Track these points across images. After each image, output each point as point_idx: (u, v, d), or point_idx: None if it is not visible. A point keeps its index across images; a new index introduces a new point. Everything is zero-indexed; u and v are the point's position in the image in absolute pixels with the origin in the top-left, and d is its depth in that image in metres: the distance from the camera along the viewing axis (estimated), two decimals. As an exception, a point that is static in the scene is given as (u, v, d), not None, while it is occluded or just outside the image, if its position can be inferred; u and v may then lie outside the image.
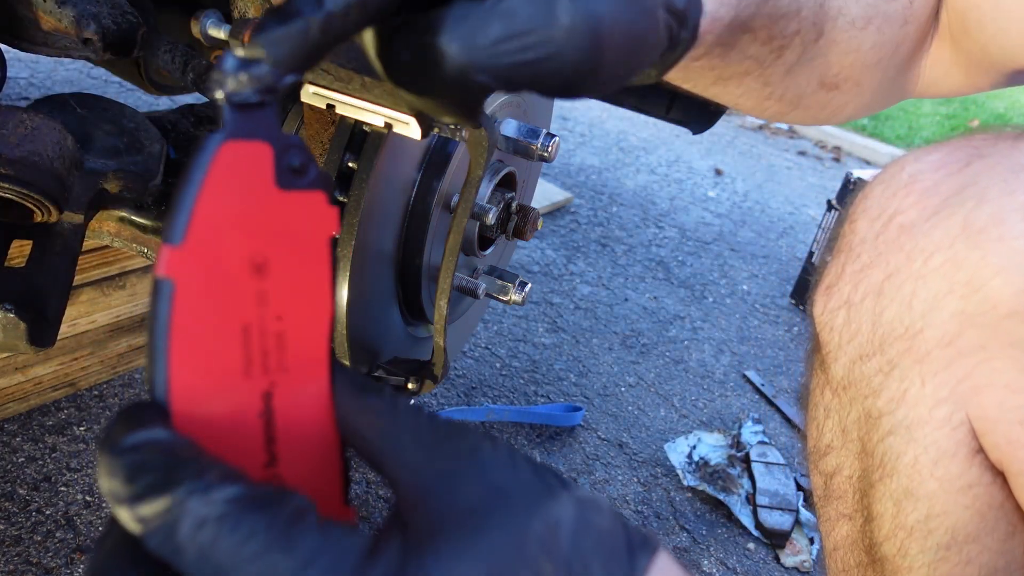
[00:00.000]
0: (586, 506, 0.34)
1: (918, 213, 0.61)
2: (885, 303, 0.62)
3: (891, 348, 0.62)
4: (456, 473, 0.34)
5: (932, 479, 0.63)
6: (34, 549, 1.09)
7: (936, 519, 0.64)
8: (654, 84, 1.60)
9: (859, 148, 4.19)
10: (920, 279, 0.59)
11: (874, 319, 0.64)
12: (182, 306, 0.31)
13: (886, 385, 0.64)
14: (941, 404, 0.61)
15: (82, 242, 0.85)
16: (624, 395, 1.74)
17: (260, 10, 0.83)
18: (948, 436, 0.61)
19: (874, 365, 0.64)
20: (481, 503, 0.33)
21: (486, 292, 0.84)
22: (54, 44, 0.91)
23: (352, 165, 0.67)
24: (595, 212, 2.63)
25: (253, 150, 0.32)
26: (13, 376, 1.24)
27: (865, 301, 0.64)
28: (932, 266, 0.59)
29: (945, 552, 0.64)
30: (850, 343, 0.67)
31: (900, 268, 0.61)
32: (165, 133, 1.00)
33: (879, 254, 0.63)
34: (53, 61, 2.64)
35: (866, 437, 0.68)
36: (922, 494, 0.64)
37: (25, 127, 0.75)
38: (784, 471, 1.53)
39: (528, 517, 0.32)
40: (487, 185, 0.80)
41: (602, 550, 0.33)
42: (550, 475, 0.35)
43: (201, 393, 0.33)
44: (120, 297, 1.33)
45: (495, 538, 0.32)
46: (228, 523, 0.28)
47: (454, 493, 0.33)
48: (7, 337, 0.74)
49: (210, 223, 0.31)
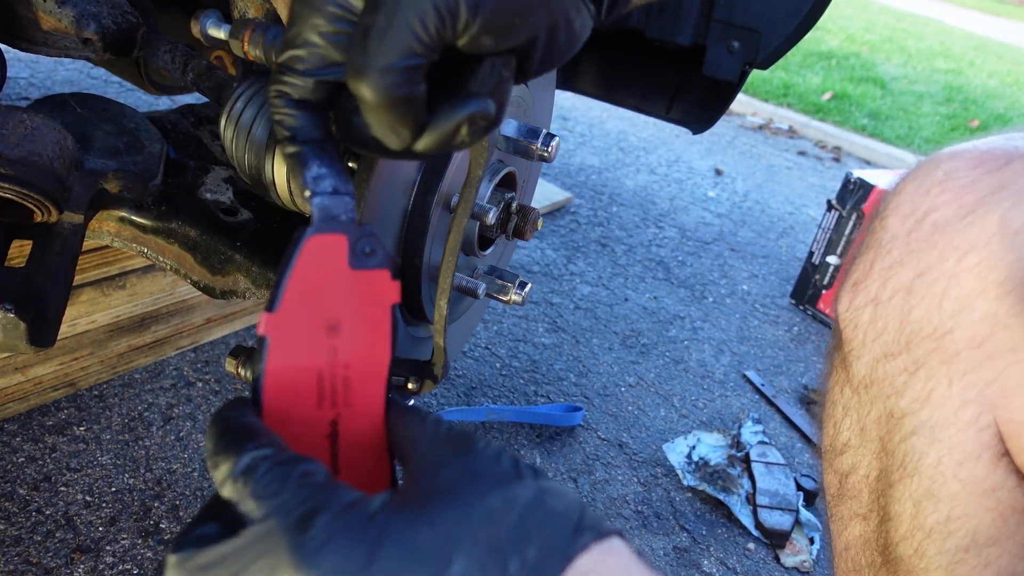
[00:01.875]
0: (547, 491, 0.40)
1: (953, 211, 0.60)
2: (914, 301, 0.62)
3: (918, 347, 0.62)
4: (447, 460, 0.42)
5: (955, 481, 0.62)
6: (34, 549, 1.10)
7: (957, 521, 0.63)
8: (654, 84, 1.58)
9: (859, 148, 4.19)
10: (952, 278, 0.59)
11: (902, 317, 0.63)
12: (274, 355, 0.43)
13: (911, 385, 0.63)
14: (968, 406, 0.60)
15: (82, 242, 0.84)
16: (624, 395, 1.74)
17: (260, 10, 0.83)
18: (974, 438, 0.60)
19: (899, 364, 0.64)
20: (454, 483, 0.40)
21: (486, 292, 0.84)
22: (54, 44, 0.91)
23: (352, 165, 0.67)
24: (595, 212, 2.63)
25: (333, 241, 0.44)
26: (13, 376, 1.24)
27: (894, 299, 0.64)
28: (965, 265, 0.58)
29: (964, 554, 0.64)
30: (875, 341, 0.66)
31: (932, 266, 0.60)
32: (165, 133, 1.00)
33: (911, 251, 0.62)
34: (53, 61, 2.64)
35: (887, 437, 0.67)
36: (944, 495, 0.63)
37: (25, 127, 0.75)
38: (784, 471, 1.53)
39: (486, 493, 0.39)
40: (487, 185, 0.80)
41: (547, 525, 0.38)
42: (529, 469, 0.41)
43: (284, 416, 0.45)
44: (120, 297, 1.33)
45: (452, 507, 0.39)
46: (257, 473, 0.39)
47: (440, 474, 0.41)
48: (7, 337, 0.74)
49: (296, 296, 0.43)
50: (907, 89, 5.89)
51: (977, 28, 11.61)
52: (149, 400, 1.39)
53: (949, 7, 14.25)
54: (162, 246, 0.94)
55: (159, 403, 1.39)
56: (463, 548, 0.37)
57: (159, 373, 1.45)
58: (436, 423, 0.45)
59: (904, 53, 7.68)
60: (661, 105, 1.60)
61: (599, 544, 0.38)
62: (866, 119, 4.75)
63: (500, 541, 0.37)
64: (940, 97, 5.84)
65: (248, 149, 0.86)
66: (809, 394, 1.87)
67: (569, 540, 0.38)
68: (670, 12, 1.38)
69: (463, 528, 0.38)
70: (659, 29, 1.40)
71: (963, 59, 8.07)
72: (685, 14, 1.36)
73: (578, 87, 1.68)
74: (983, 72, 7.52)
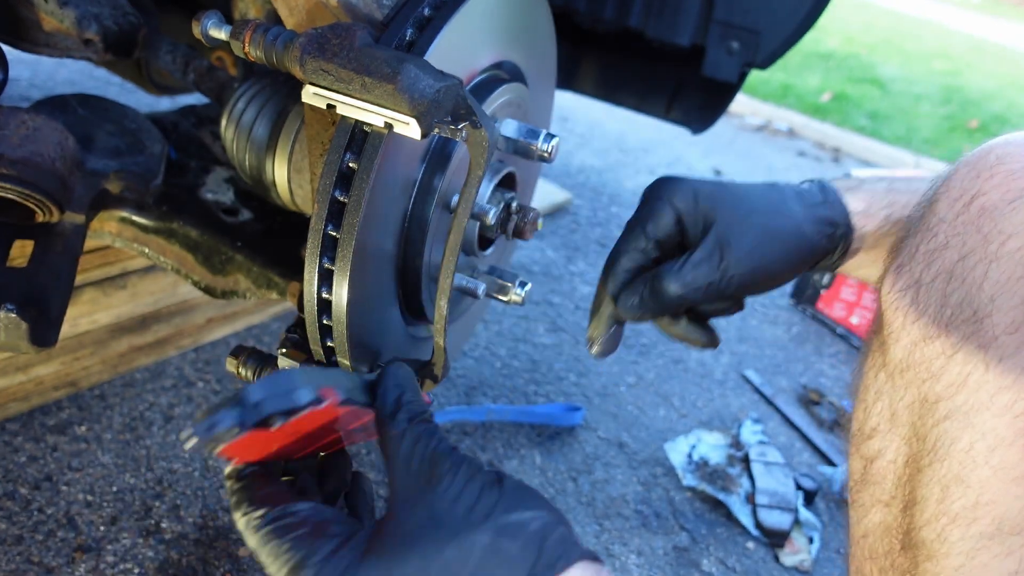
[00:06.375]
0: (503, 533, 0.44)
1: (1001, 195, 0.60)
2: (955, 284, 0.62)
3: (956, 331, 0.61)
4: (415, 501, 0.46)
5: (986, 467, 0.61)
6: (35, 548, 1.10)
7: (984, 507, 0.63)
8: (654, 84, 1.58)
9: (858, 148, 4.20)
10: (994, 261, 0.59)
11: (942, 300, 0.63)
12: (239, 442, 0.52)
13: (947, 369, 0.63)
14: (1004, 391, 0.59)
15: (84, 242, 0.85)
16: (624, 395, 1.74)
17: (261, 11, 0.84)
18: (1008, 424, 0.60)
19: (937, 348, 0.64)
20: (417, 528, 0.45)
21: (486, 292, 0.85)
22: (56, 45, 0.92)
23: (352, 165, 0.67)
24: (595, 212, 2.63)
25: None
26: (15, 376, 1.25)
27: (936, 282, 0.64)
28: (1008, 249, 0.58)
29: (988, 542, 0.63)
30: (915, 324, 0.66)
31: (975, 249, 0.60)
32: (166, 134, 1.01)
33: (956, 234, 0.62)
34: (55, 62, 2.64)
35: (919, 422, 0.67)
36: (973, 481, 0.62)
37: (27, 128, 0.75)
38: (783, 470, 1.53)
39: (443, 547, 0.43)
40: (487, 185, 0.80)
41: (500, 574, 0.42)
42: (484, 505, 0.46)
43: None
44: (121, 297, 1.33)
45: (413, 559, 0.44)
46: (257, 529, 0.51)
47: (407, 517, 0.46)
48: (9, 337, 0.75)
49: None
50: (906, 90, 5.90)
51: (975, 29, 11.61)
52: (150, 400, 1.39)
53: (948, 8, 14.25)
54: (163, 246, 0.94)
55: (160, 403, 1.39)
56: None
57: (160, 373, 1.45)
58: (411, 446, 0.49)
59: (903, 54, 7.69)
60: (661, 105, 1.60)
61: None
62: (865, 120, 4.75)
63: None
64: (939, 98, 5.84)
65: (249, 149, 0.87)
66: (808, 394, 1.88)
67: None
68: (670, 12, 1.38)
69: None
70: (659, 29, 1.40)
71: (961, 60, 8.07)
72: (685, 14, 1.37)
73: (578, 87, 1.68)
74: (981, 73, 7.52)
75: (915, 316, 0.66)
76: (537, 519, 0.46)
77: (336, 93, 0.63)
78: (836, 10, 1.70)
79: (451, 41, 0.70)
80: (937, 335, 0.64)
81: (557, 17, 0.96)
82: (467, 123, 0.64)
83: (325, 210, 0.68)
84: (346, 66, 0.61)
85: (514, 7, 0.81)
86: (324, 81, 0.63)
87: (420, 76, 0.61)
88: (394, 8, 0.70)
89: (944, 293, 0.63)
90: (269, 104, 0.86)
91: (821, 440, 1.71)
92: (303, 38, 0.64)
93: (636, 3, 1.41)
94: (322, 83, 0.63)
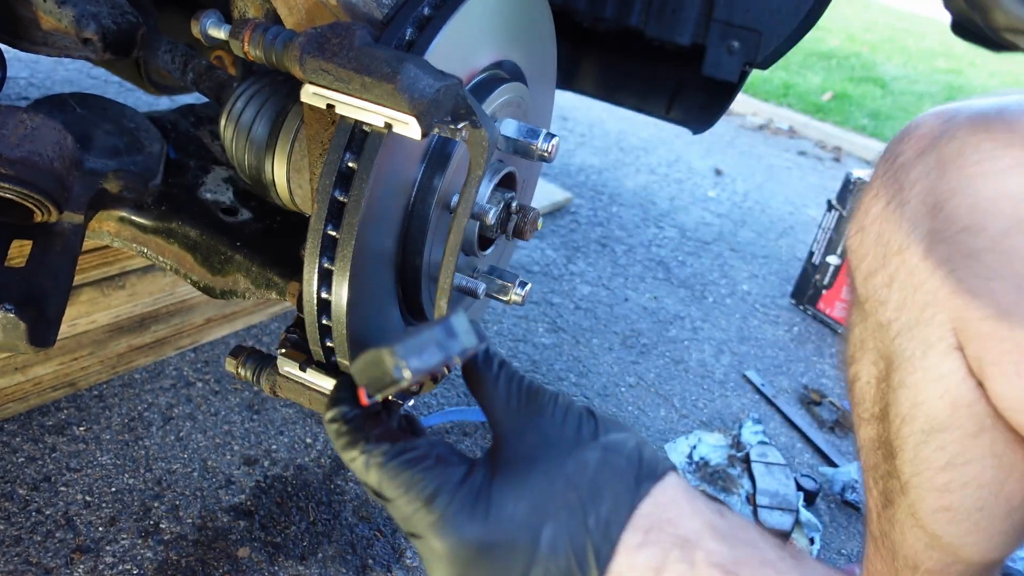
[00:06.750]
0: (609, 450, 0.51)
1: (912, 153, 0.74)
2: (884, 226, 0.76)
3: (890, 263, 0.75)
4: (523, 429, 0.52)
5: (920, 370, 0.74)
6: (34, 549, 1.09)
7: (919, 407, 0.75)
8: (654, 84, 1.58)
9: (859, 148, 4.19)
10: (906, 204, 0.73)
11: (876, 239, 0.76)
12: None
13: (890, 296, 0.76)
14: (928, 307, 0.72)
15: (82, 242, 0.84)
16: (624, 395, 1.74)
17: (260, 10, 0.83)
18: (933, 332, 0.72)
19: (880, 279, 0.77)
20: (534, 451, 0.51)
21: (486, 292, 0.84)
22: (54, 44, 0.91)
23: (352, 165, 0.67)
24: (595, 212, 2.63)
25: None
26: (13, 376, 1.24)
27: (873, 225, 0.77)
28: (914, 192, 0.72)
29: (925, 437, 0.76)
30: (863, 262, 0.79)
31: (894, 196, 0.75)
32: (165, 133, 1.00)
33: (884, 185, 0.77)
34: (53, 61, 2.64)
35: (880, 344, 0.79)
36: (910, 383, 0.75)
37: (25, 127, 0.75)
38: (784, 471, 1.53)
39: (563, 463, 0.50)
40: (487, 185, 0.80)
41: (613, 481, 0.49)
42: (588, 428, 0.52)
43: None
44: (120, 297, 1.33)
45: (538, 475, 0.50)
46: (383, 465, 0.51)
47: (519, 442, 0.52)
48: (7, 337, 0.74)
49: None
50: (907, 89, 5.89)
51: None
52: (149, 400, 1.39)
53: (949, 7, 14.21)
54: (162, 246, 0.94)
55: (159, 403, 1.39)
56: (550, 514, 0.48)
57: (159, 373, 1.45)
58: (507, 385, 0.54)
59: (905, 53, 7.68)
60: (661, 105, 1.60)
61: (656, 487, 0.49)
62: (866, 119, 4.74)
63: (578, 502, 0.48)
64: (941, 97, 5.84)
65: (248, 149, 0.86)
66: (809, 394, 1.87)
67: (633, 491, 0.49)
68: (670, 12, 1.38)
69: (548, 498, 0.49)
70: (659, 29, 1.40)
71: (963, 59, 8.07)
72: (685, 14, 1.36)
73: (578, 87, 1.68)
74: (984, 72, 7.51)
75: (862, 255, 0.80)
76: (632, 438, 0.53)
77: (336, 93, 0.63)
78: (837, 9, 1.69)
79: (451, 40, 0.70)
80: (878, 268, 0.77)
81: (557, 16, 0.95)
82: (467, 123, 0.64)
83: (325, 210, 0.68)
84: (346, 65, 0.61)
85: (514, 6, 0.81)
86: (324, 81, 0.62)
87: (420, 76, 0.60)
88: (394, 7, 0.69)
89: (879, 233, 0.77)
90: (268, 104, 0.86)
91: (822, 441, 1.71)
92: (302, 37, 0.63)
93: (636, 2, 1.41)
94: (322, 82, 0.63)
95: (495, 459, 0.52)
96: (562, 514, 0.48)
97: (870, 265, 0.78)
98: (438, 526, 0.48)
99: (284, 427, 1.41)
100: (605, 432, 0.52)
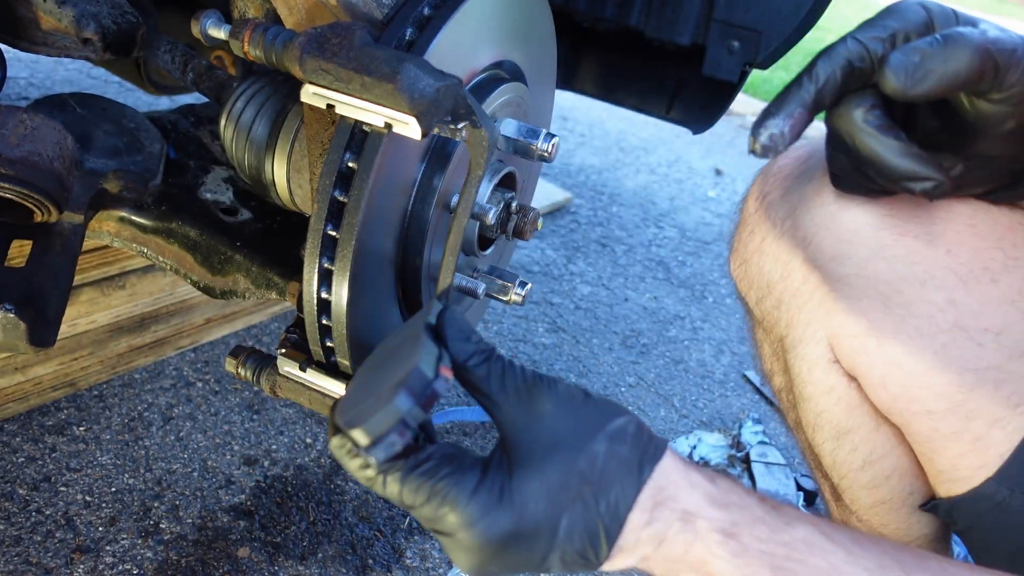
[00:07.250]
0: (614, 440, 0.55)
1: (778, 193, 0.83)
2: (763, 258, 0.83)
3: (776, 288, 0.82)
4: (529, 426, 0.56)
5: (811, 384, 0.81)
6: (34, 549, 1.10)
7: (822, 416, 0.82)
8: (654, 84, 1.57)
9: (859, 148, 4.18)
10: (780, 238, 0.80)
11: (759, 270, 0.84)
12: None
13: (780, 317, 0.83)
14: (810, 325, 0.79)
15: (82, 242, 0.84)
16: (624, 395, 1.74)
17: (260, 10, 0.83)
18: (815, 350, 0.79)
19: (769, 303, 0.84)
20: (545, 447, 0.55)
21: (486, 292, 0.84)
22: (54, 44, 0.91)
23: (352, 165, 0.67)
24: (595, 212, 2.63)
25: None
26: (13, 376, 1.24)
27: (753, 257, 0.85)
28: (785, 228, 0.80)
29: (837, 442, 0.83)
30: (751, 289, 0.87)
31: (768, 232, 0.82)
32: (165, 133, 1.00)
33: (758, 223, 0.84)
34: (53, 61, 2.64)
35: (783, 359, 0.86)
36: (807, 395, 0.82)
37: (25, 127, 0.75)
38: (784, 471, 1.53)
39: (574, 458, 0.54)
40: (487, 185, 0.80)
41: (620, 471, 0.54)
42: (593, 420, 0.56)
43: None
44: (120, 297, 1.33)
45: (553, 472, 0.54)
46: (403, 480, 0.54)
47: (529, 439, 0.55)
48: (7, 337, 0.74)
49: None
50: (907, 89, 5.88)
51: (977, 28, 11.60)
52: (149, 400, 1.39)
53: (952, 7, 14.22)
54: (162, 246, 0.94)
55: (159, 403, 1.39)
56: (566, 507, 0.54)
57: (159, 373, 1.45)
58: (500, 381, 0.57)
59: (904, 53, 7.67)
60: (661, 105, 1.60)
61: (656, 468, 0.55)
62: (866, 119, 4.73)
63: (591, 494, 0.54)
64: (940, 97, 5.82)
65: (248, 149, 0.86)
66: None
67: (637, 476, 0.55)
68: (670, 12, 1.38)
69: (564, 493, 0.54)
70: (659, 29, 1.40)
71: (963, 59, 8.06)
72: (685, 14, 1.36)
73: (578, 87, 1.68)
74: (983, 72, 7.51)
75: (749, 283, 0.87)
76: (630, 422, 0.57)
77: (336, 92, 0.63)
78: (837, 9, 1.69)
79: (451, 40, 0.70)
80: (766, 294, 0.84)
81: (557, 16, 0.95)
82: (467, 123, 0.64)
83: (325, 210, 0.68)
84: (346, 65, 0.61)
85: (514, 6, 0.81)
86: (324, 80, 0.62)
87: (420, 75, 0.60)
88: (394, 7, 0.69)
89: (759, 265, 0.84)
90: (268, 103, 0.86)
91: (822, 440, 1.71)
92: (302, 37, 0.63)
93: (636, 2, 1.41)
94: (322, 82, 0.63)
95: (508, 456, 0.56)
96: (577, 506, 0.54)
97: (758, 292, 0.85)
98: (467, 525, 0.53)
99: (284, 427, 1.41)
100: (607, 420, 0.56)
